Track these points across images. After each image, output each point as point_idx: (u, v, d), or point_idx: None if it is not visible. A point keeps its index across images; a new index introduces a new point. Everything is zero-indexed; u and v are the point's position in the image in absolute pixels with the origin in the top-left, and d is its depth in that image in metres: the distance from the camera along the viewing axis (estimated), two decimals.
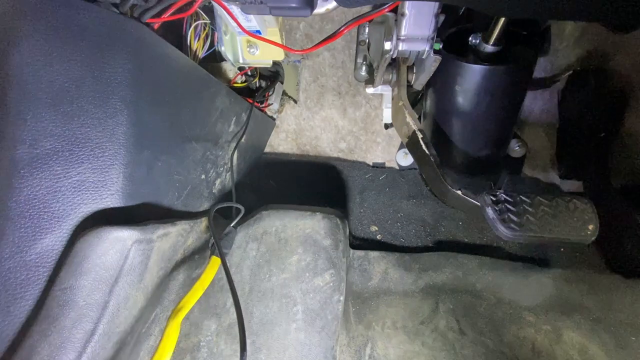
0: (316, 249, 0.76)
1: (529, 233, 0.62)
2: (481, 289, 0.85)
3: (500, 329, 0.78)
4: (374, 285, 0.89)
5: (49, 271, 0.50)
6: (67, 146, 0.52)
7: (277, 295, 0.72)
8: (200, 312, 0.71)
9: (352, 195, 1.10)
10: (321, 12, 0.62)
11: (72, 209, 0.52)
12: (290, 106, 1.17)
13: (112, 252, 0.52)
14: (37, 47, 0.50)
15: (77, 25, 0.52)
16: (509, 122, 0.89)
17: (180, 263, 0.68)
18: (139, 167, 0.57)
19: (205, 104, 0.76)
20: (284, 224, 0.79)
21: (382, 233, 1.04)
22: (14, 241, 0.49)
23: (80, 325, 0.49)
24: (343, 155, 1.20)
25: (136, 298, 0.55)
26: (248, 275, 0.74)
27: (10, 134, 0.50)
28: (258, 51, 0.88)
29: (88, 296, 0.50)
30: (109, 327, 0.51)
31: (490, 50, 0.72)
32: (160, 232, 0.59)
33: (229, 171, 0.89)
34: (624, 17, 0.47)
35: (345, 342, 0.79)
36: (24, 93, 0.50)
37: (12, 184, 0.49)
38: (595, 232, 0.61)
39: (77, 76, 0.52)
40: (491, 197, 0.64)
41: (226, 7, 0.69)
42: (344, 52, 1.08)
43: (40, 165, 0.50)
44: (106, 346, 0.51)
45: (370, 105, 1.14)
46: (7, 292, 0.48)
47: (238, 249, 0.77)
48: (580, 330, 0.76)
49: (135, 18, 0.59)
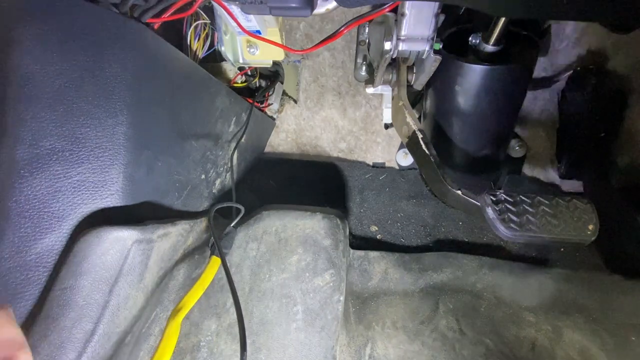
0: (316, 249, 0.76)
1: (529, 233, 0.62)
2: (481, 289, 0.85)
3: (500, 329, 0.78)
4: (374, 285, 0.89)
5: (48, 271, 0.50)
6: (67, 146, 0.52)
7: (277, 295, 0.72)
8: (200, 312, 0.71)
9: (352, 195, 1.10)
10: (321, 12, 0.62)
11: (72, 209, 0.52)
12: (290, 106, 1.17)
13: (112, 252, 0.52)
14: (37, 47, 0.50)
15: (77, 25, 0.52)
16: (509, 122, 0.89)
17: (180, 263, 0.68)
18: (139, 167, 0.57)
19: (205, 104, 0.76)
20: (284, 224, 0.79)
21: (382, 233, 1.04)
22: (14, 241, 0.49)
23: (80, 325, 0.49)
24: (343, 155, 1.20)
25: (136, 298, 0.55)
26: (248, 275, 0.74)
27: (10, 134, 0.50)
28: (258, 51, 0.88)
29: (88, 296, 0.50)
30: (109, 327, 0.51)
31: (490, 50, 0.72)
32: (160, 232, 0.59)
33: (229, 171, 0.89)
34: (624, 17, 0.47)
35: (345, 342, 0.79)
36: (24, 93, 0.50)
37: (12, 184, 0.49)
38: (595, 232, 0.61)
39: (77, 76, 0.52)
40: (491, 197, 0.64)
41: (226, 7, 0.69)
42: (344, 52, 1.08)
43: (40, 165, 0.50)
44: (106, 346, 0.51)
45: (370, 105, 1.14)
46: (7, 292, 0.48)
47: (238, 248, 0.77)
48: (580, 330, 0.76)
49: (135, 18, 0.59)
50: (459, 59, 0.73)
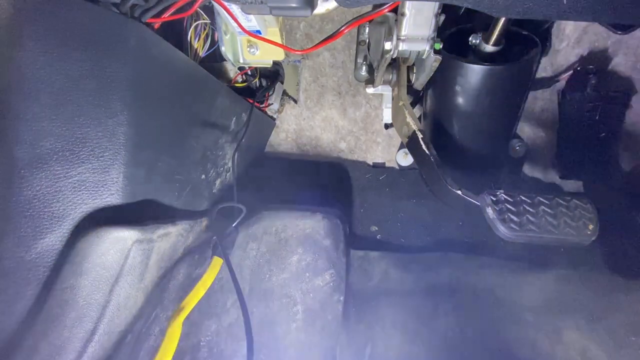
0: (316, 249, 0.76)
1: (529, 233, 0.62)
2: (481, 289, 0.85)
3: (500, 329, 0.78)
4: (374, 285, 0.89)
5: (49, 271, 0.50)
6: (67, 146, 0.52)
7: (277, 295, 0.72)
8: (200, 312, 0.71)
9: (352, 195, 1.10)
10: (321, 12, 0.62)
11: (72, 208, 0.52)
12: (290, 106, 1.17)
13: (112, 251, 0.52)
14: (37, 47, 0.50)
15: (77, 25, 0.52)
16: (509, 122, 0.89)
17: (180, 263, 0.68)
18: (139, 167, 0.57)
19: (205, 104, 0.76)
20: (284, 224, 0.79)
21: (382, 233, 1.04)
22: (14, 241, 0.49)
23: (80, 324, 0.49)
24: (343, 155, 1.20)
25: (136, 298, 0.55)
26: (248, 275, 0.74)
27: (10, 134, 0.50)
28: (258, 51, 0.88)
29: (88, 296, 0.50)
30: (110, 326, 0.51)
31: (490, 50, 0.72)
32: (161, 231, 0.59)
33: (229, 171, 0.89)
34: (624, 17, 0.47)
35: (345, 342, 0.79)
36: (24, 93, 0.50)
37: (13, 184, 0.49)
38: (595, 232, 0.61)
39: (77, 76, 0.52)
40: (491, 197, 0.64)
41: (226, 7, 0.69)
42: (344, 52, 1.08)
43: (40, 165, 0.50)
44: (106, 346, 0.51)
45: (370, 105, 1.14)
46: (7, 291, 0.48)
47: (238, 248, 0.77)
48: (580, 330, 0.76)
49: (135, 18, 0.59)
50: (459, 59, 0.73)
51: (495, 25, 0.68)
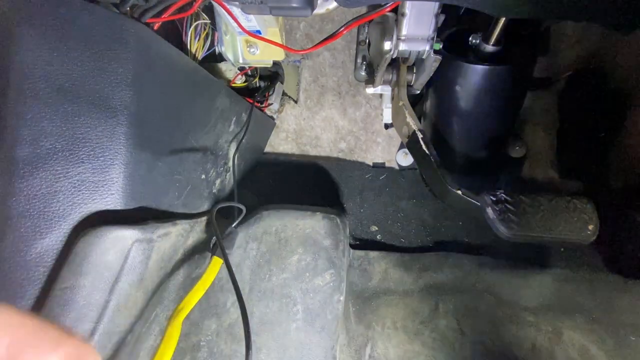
0: (316, 249, 0.76)
1: (529, 233, 0.62)
2: (481, 289, 0.85)
3: (500, 329, 0.78)
4: (374, 285, 0.89)
5: (49, 271, 0.50)
6: (67, 146, 0.52)
7: (277, 295, 0.72)
8: (200, 312, 0.71)
9: (352, 195, 1.10)
10: (321, 12, 0.62)
11: (72, 208, 0.52)
12: (290, 106, 1.17)
13: (112, 251, 0.52)
14: (37, 47, 0.50)
15: (77, 25, 0.52)
16: (509, 122, 0.89)
17: (180, 263, 0.68)
18: (139, 167, 0.57)
19: (205, 104, 0.76)
20: (284, 223, 0.79)
21: (382, 233, 1.04)
22: (14, 241, 0.49)
23: (80, 325, 0.49)
24: (343, 155, 1.20)
25: (136, 298, 0.55)
26: (248, 275, 0.74)
27: (10, 133, 0.50)
28: (258, 51, 0.88)
29: (88, 296, 0.50)
30: (109, 327, 0.51)
31: (490, 50, 0.72)
32: (161, 231, 0.59)
33: (229, 171, 0.89)
34: (624, 17, 0.47)
35: (345, 342, 0.79)
36: (24, 93, 0.50)
37: (12, 184, 0.49)
38: (595, 232, 0.61)
39: (77, 76, 0.52)
40: (491, 197, 0.64)
41: (226, 7, 0.69)
42: (344, 52, 1.08)
43: (40, 165, 0.50)
44: (106, 346, 0.51)
45: (370, 105, 1.14)
46: (7, 291, 0.48)
47: (238, 248, 0.77)
48: (580, 330, 0.76)
49: (135, 18, 0.59)
50: (459, 59, 0.73)
51: (495, 25, 0.68)
